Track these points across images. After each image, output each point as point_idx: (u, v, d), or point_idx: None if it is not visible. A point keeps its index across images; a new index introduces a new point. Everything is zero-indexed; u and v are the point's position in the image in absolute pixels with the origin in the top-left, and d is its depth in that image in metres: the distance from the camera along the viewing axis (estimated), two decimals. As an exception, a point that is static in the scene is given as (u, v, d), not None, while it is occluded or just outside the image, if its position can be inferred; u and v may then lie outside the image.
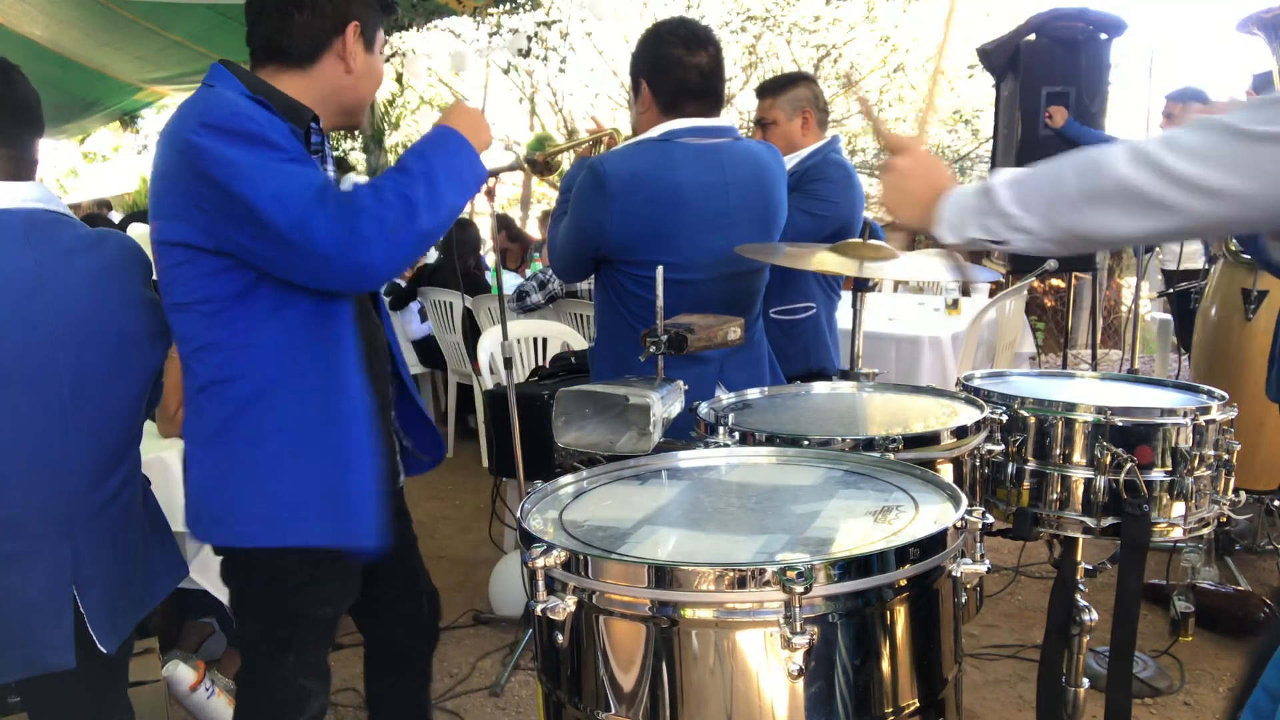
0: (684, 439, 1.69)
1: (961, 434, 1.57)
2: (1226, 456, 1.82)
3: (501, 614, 3.27)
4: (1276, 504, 3.33)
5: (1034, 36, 4.93)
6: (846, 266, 2.07)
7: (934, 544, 1.04)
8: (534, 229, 10.13)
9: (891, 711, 1.04)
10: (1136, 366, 5.61)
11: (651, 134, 2.12)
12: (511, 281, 5.71)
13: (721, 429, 1.58)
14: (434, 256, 5.71)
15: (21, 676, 1.65)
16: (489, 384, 3.79)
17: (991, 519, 1.13)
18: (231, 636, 2.87)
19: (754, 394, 1.90)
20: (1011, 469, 1.87)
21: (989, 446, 1.71)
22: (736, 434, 1.57)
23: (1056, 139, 4.89)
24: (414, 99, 12.72)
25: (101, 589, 1.69)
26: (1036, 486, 1.85)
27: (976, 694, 2.74)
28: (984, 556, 1.11)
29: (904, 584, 1.03)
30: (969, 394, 1.85)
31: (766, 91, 2.91)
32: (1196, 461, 1.75)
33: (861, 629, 1.01)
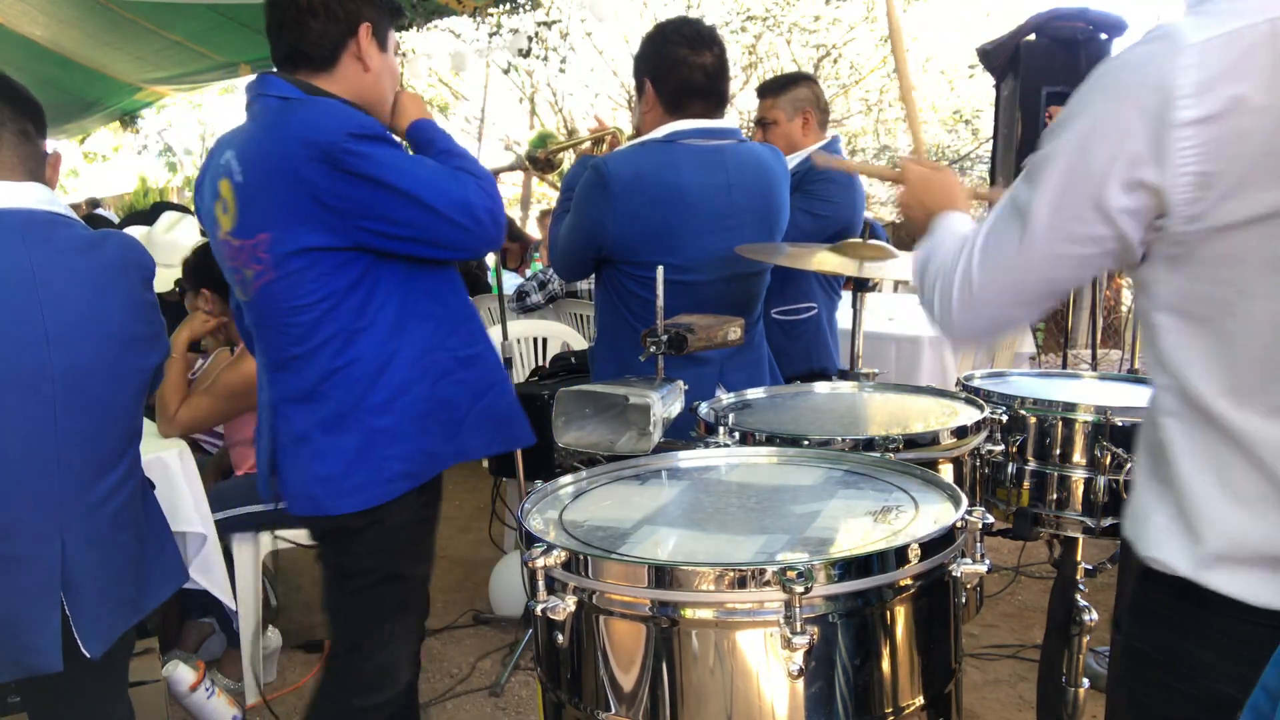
0: (684, 439, 1.69)
1: (961, 434, 1.57)
2: (1226, 456, 1.82)
3: (501, 614, 3.27)
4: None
5: (1034, 36, 4.92)
6: (846, 266, 2.07)
7: (934, 544, 1.04)
8: (534, 229, 10.11)
9: (892, 711, 1.04)
10: (1136, 366, 5.60)
11: (656, 134, 2.12)
12: (511, 281, 5.70)
13: (721, 429, 1.58)
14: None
15: (8, 679, 1.64)
16: (489, 384, 3.78)
17: (991, 519, 1.13)
18: (232, 636, 2.87)
19: (754, 394, 1.90)
20: (1011, 469, 1.87)
21: (989, 446, 1.71)
22: (736, 434, 1.57)
23: (1056, 139, 4.87)
24: (414, 99, 12.72)
25: (90, 592, 1.66)
26: (1036, 486, 1.85)
27: (976, 694, 2.74)
28: (984, 556, 1.11)
29: (904, 584, 1.03)
30: (969, 394, 1.85)
31: (767, 91, 2.91)
32: (1196, 461, 1.75)
33: (861, 629, 1.01)
